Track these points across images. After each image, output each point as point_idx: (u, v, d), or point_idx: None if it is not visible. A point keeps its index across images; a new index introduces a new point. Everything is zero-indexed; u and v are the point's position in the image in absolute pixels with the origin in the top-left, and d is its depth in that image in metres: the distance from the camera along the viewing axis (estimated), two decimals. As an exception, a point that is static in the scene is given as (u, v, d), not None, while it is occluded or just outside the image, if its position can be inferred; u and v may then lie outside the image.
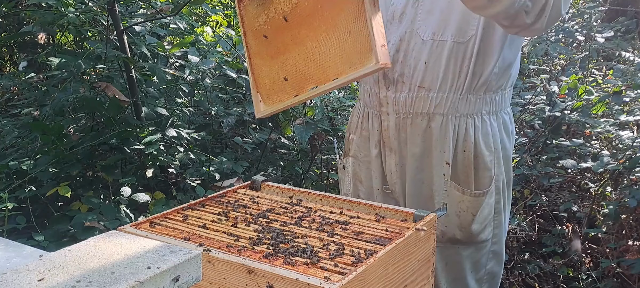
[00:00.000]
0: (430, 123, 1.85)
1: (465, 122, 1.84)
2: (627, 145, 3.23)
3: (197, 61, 3.54)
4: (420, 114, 1.86)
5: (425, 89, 1.82)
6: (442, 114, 1.84)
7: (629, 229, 3.14)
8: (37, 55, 4.05)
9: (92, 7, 3.35)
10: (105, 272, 0.85)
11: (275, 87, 1.59)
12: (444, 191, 1.88)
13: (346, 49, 1.43)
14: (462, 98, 1.82)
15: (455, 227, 1.91)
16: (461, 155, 1.87)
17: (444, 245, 1.93)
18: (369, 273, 1.18)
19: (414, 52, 1.80)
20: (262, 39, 1.60)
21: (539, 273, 3.16)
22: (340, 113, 4.03)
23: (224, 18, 4.95)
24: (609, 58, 5.24)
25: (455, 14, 1.73)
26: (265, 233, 1.38)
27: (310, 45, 1.50)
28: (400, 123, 1.89)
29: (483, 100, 1.84)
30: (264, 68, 1.61)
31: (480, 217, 1.89)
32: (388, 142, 1.93)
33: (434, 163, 1.89)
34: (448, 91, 1.81)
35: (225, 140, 4.09)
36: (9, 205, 2.46)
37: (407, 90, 1.84)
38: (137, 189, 3.04)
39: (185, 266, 0.91)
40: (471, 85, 1.81)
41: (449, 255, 1.95)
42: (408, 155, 1.91)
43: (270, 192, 1.74)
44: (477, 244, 1.94)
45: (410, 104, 1.85)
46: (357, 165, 2.06)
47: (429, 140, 1.87)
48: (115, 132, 3.04)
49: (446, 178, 1.87)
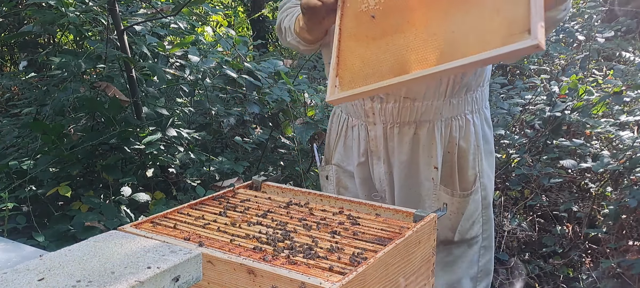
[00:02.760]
0: (417, 130, 1.88)
1: (450, 125, 1.87)
2: (628, 146, 3.23)
3: (198, 61, 3.54)
4: (408, 123, 1.87)
5: (410, 99, 1.84)
6: (428, 121, 1.86)
7: (629, 229, 3.14)
8: (37, 55, 4.05)
9: (93, 6, 3.35)
10: (105, 272, 0.85)
11: (367, 69, 1.54)
12: (433, 195, 1.91)
13: (488, 26, 1.38)
14: (446, 102, 1.85)
15: (447, 229, 1.93)
16: (446, 157, 1.89)
17: (438, 249, 1.93)
18: (369, 273, 1.17)
19: None
20: (366, 19, 1.57)
21: (539, 273, 3.16)
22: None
23: (224, 18, 4.95)
24: (609, 58, 5.24)
25: None
26: (265, 233, 1.38)
27: (435, 25, 1.46)
28: (388, 132, 1.90)
29: (465, 101, 1.87)
30: (357, 49, 1.57)
31: (469, 215, 1.92)
32: (376, 151, 1.94)
33: (421, 169, 1.91)
34: (432, 98, 1.84)
35: (226, 140, 4.10)
36: (9, 205, 2.46)
37: (392, 101, 1.86)
38: (138, 189, 3.05)
39: (186, 266, 0.91)
40: (453, 90, 1.84)
41: (443, 258, 1.96)
42: (396, 163, 1.92)
43: (270, 192, 1.74)
44: (468, 242, 1.97)
45: (397, 113, 1.87)
46: (340, 172, 2.07)
47: (416, 147, 1.89)
48: (115, 131, 3.04)
49: (435, 182, 1.90)
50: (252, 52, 5.89)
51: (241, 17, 9.00)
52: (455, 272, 1.98)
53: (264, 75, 3.72)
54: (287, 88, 3.62)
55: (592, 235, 3.28)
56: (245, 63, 3.72)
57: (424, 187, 1.92)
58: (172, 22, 3.74)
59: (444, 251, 1.96)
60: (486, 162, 1.97)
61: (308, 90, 3.82)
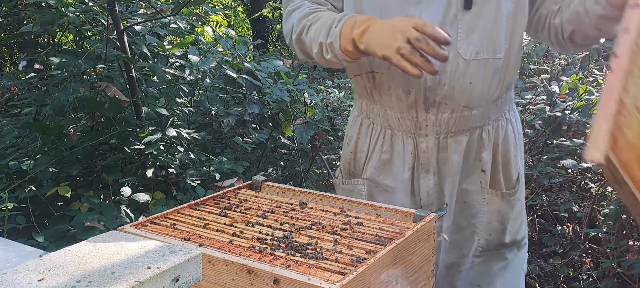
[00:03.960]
0: (470, 137, 1.79)
1: (495, 126, 1.81)
2: (628, 145, 3.22)
3: (198, 61, 3.54)
4: (462, 131, 1.78)
5: (469, 108, 1.75)
6: (479, 126, 1.79)
7: (630, 229, 3.14)
8: (37, 55, 4.05)
9: (92, 6, 3.35)
10: (105, 272, 0.85)
11: None
12: (482, 199, 1.83)
13: None
14: (494, 105, 1.79)
15: (498, 233, 1.86)
16: (492, 159, 1.83)
17: (492, 254, 1.87)
18: (369, 273, 1.17)
19: (457, 73, 1.68)
20: None
21: (539, 273, 3.16)
22: (341, 113, 4.03)
23: (224, 18, 4.95)
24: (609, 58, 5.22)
25: (496, 29, 1.67)
26: (265, 234, 1.38)
27: None
28: (441, 143, 1.79)
29: (504, 100, 1.82)
30: None
31: (517, 214, 1.88)
32: (426, 164, 1.81)
33: (470, 175, 1.84)
34: (486, 104, 1.76)
35: (226, 140, 4.10)
36: (9, 205, 2.46)
37: (449, 111, 1.74)
38: (137, 189, 3.04)
39: (186, 266, 0.91)
40: (501, 93, 1.78)
41: (496, 263, 1.89)
42: (448, 174, 1.82)
43: (270, 192, 1.74)
44: (518, 243, 1.91)
45: (452, 124, 1.76)
46: (373, 187, 1.91)
47: (467, 154, 1.81)
48: (115, 131, 3.04)
49: (483, 186, 1.82)
50: (252, 52, 5.89)
51: (241, 17, 9.00)
52: (511, 278, 1.91)
53: (264, 75, 3.72)
54: (287, 88, 3.62)
55: (592, 235, 3.28)
56: (245, 63, 3.72)
57: (469, 193, 1.85)
58: (172, 22, 3.74)
59: (496, 257, 1.88)
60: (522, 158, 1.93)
61: (308, 90, 3.82)
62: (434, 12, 1.64)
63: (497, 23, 1.66)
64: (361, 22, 1.57)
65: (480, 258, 1.88)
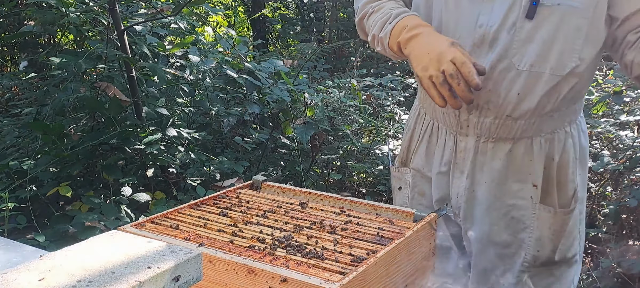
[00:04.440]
0: (513, 147, 1.72)
1: (549, 140, 1.72)
2: (628, 145, 3.23)
3: (198, 61, 3.54)
4: (504, 139, 1.71)
5: (513, 118, 1.68)
6: (527, 137, 1.71)
7: (629, 229, 3.14)
8: (37, 55, 4.06)
9: (93, 6, 3.35)
10: (105, 272, 0.85)
11: None
12: (533, 215, 1.74)
13: None
14: (547, 117, 1.69)
15: (548, 250, 1.78)
16: (544, 173, 1.74)
17: (538, 270, 1.80)
18: (369, 273, 1.18)
19: (505, 81, 1.63)
20: None
21: (539, 273, 3.16)
22: (341, 113, 4.03)
23: (224, 18, 4.95)
24: (609, 58, 5.23)
25: (558, 44, 1.58)
26: (265, 233, 1.38)
27: None
28: (480, 146, 1.74)
29: (565, 113, 1.72)
30: None
31: (570, 232, 1.78)
32: (461, 164, 1.78)
33: (514, 188, 1.75)
34: (535, 116, 1.68)
35: (226, 140, 4.10)
36: (9, 205, 2.46)
37: (492, 116, 1.69)
38: (138, 189, 3.05)
39: (186, 266, 0.91)
40: (556, 108, 1.69)
41: (542, 279, 1.82)
42: (483, 180, 1.76)
43: (270, 192, 1.74)
44: (568, 261, 1.82)
45: (494, 130, 1.70)
46: (418, 177, 1.91)
47: (510, 164, 1.74)
48: (115, 131, 3.04)
49: (534, 201, 1.74)
50: (252, 52, 5.89)
51: (241, 17, 9.00)
52: None
53: (264, 75, 3.72)
54: (287, 88, 3.63)
55: (592, 235, 3.28)
56: (246, 63, 3.73)
57: (517, 208, 1.76)
58: (172, 22, 3.75)
59: (544, 273, 1.81)
60: (582, 173, 1.81)
61: (308, 90, 3.83)
62: (498, 10, 1.61)
63: (559, 38, 1.58)
64: (411, 28, 1.61)
65: (526, 274, 1.79)
